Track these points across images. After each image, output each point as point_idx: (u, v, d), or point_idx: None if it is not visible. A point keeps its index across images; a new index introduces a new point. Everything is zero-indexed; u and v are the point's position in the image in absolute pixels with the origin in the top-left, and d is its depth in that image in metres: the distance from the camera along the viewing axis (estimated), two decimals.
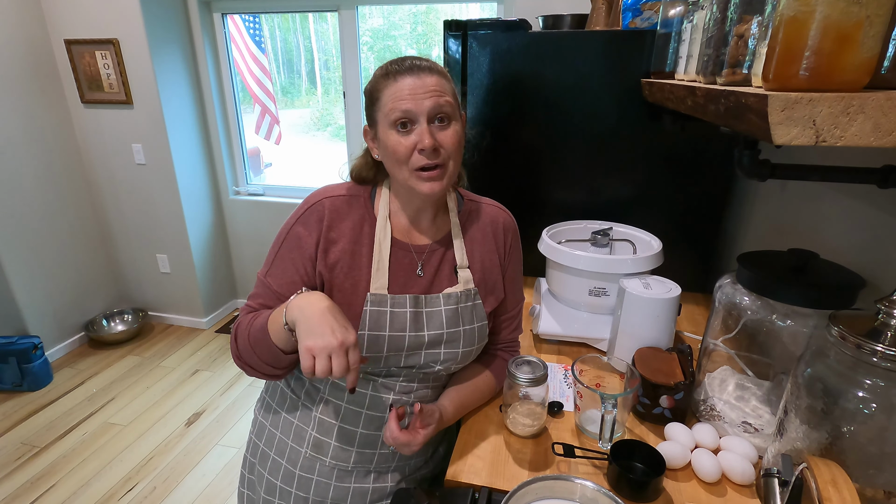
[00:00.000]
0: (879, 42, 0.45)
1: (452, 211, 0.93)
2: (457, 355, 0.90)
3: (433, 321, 0.87)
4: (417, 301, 0.87)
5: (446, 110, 0.79)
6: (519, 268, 1.02)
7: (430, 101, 0.77)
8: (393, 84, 0.78)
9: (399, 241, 0.89)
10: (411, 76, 0.77)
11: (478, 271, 0.93)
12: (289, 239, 0.86)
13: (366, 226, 0.87)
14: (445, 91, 0.79)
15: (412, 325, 0.86)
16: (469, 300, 0.91)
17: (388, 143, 0.79)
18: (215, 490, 2.00)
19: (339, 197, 0.87)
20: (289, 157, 3.55)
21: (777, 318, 0.82)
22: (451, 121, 0.80)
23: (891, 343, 0.57)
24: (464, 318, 0.90)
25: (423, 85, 0.77)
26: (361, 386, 0.90)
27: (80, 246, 2.95)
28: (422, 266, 0.89)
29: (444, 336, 0.88)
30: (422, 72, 0.78)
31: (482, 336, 0.93)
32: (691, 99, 0.78)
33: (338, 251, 0.85)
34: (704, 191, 1.42)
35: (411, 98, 0.76)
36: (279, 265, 0.86)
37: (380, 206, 0.89)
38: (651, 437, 0.91)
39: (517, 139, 1.48)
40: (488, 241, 0.94)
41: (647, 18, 1.31)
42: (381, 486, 0.92)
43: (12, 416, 2.39)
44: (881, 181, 0.69)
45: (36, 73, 2.61)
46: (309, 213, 0.86)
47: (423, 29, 3.00)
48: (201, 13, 2.75)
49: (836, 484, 0.50)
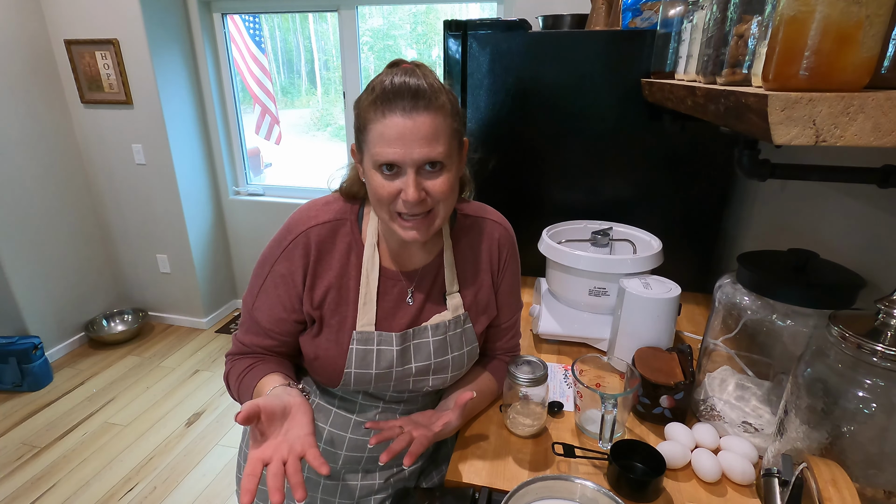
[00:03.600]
0: (879, 42, 0.45)
1: (444, 231, 0.88)
2: (445, 380, 0.90)
3: (420, 353, 0.86)
4: (405, 337, 0.85)
5: (438, 159, 0.71)
6: (514, 280, 0.96)
7: (420, 151, 0.69)
8: (381, 121, 0.69)
9: (387, 269, 0.85)
10: (403, 116, 0.68)
11: (469, 294, 0.90)
12: (273, 274, 0.82)
13: (352, 256, 0.83)
14: (440, 134, 0.70)
15: (399, 360, 0.85)
16: (458, 326, 0.89)
17: (371, 183, 0.74)
18: (215, 490, 2.00)
19: (325, 225, 0.81)
20: (289, 157, 3.55)
21: (777, 318, 0.82)
22: (443, 168, 0.72)
23: (891, 343, 0.57)
24: (452, 345, 0.88)
25: (415, 130, 0.68)
26: (351, 395, 0.90)
27: (80, 246, 2.95)
28: (412, 294, 0.86)
29: (431, 366, 0.87)
30: (415, 112, 0.68)
31: (472, 357, 0.92)
32: (691, 99, 0.78)
33: (324, 286, 0.82)
34: (704, 191, 1.42)
35: (399, 143, 0.68)
36: (265, 301, 0.83)
37: (367, 232, 0.83)
38: (651, 437, 0.91)
39: (517, 139, 1.48)
40: (482, 259, 0.90)
41: (647, 18, 1.31)
42: (369, 483, 0.92)
43: (12, 416, 2.39)
44: (881, 181, 0.69)
45: (36, 74, 2.61)
46: (293, 247, 0.81)
47: (423, 29, 3.00)
48: (201, 13, 2.75)
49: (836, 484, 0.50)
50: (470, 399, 0.85)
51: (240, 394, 0.85)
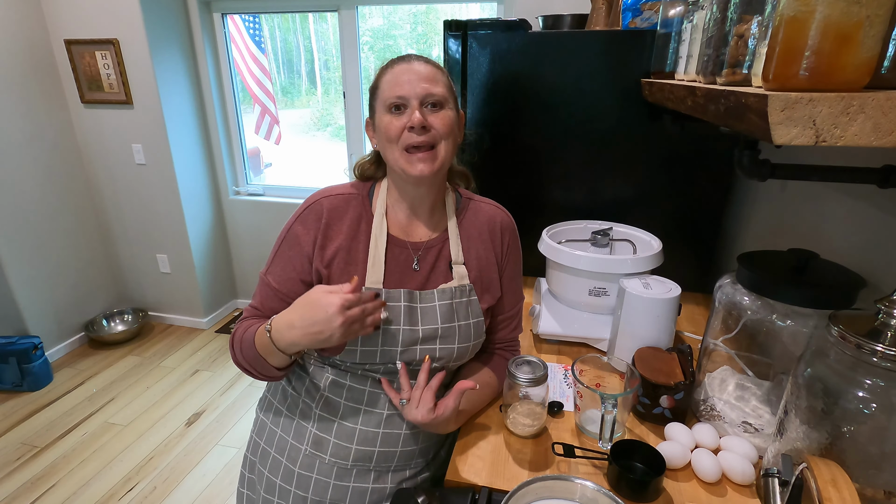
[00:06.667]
0: (879, 42, 0.45)
1: (450, 208, 0.95)
2: (452, 351, 0.90)
3: (428, 316, 0.88)
4: (412, 296, 0.88)
5: (438, 97, 0.82)
6: (517, 268, 1.02)
7: (422, 87, 0.81)
8: (390, 72, 0.84)
9: (395, 237, 0.90)
10: (407, 63, 0.84)
11: (474, 268, 0.93)
12: (288, 237, 0.89)
13: (363, 223, 0.89)
14: (439, 81, 0.83)
15: (407, 319, 0.87)
16: (464, 296, 0.91)
17: (381, 125, 0.84)
18: (215, 490, 1.99)
19: (338, 196, 0.90)
20: (289, 157, 3.55)
21: (777, 318, 0.82)
22: (443, 107, 0.83)
23: (891, 343, 0.57)
24: (459, 313, 0.90)
25: (418, 72, 0.82)
26: (359, 382, 0.90)
27: (80, 246, 2.95)
28: (418, 261, 0.91)
29: (438, 331, 0.88)
30: (417, 61, 0.84)
31: (478, 332, 0.93)
32: (691, 99, 0.78)
33: (334, 247, 0.87)
34: (704, 191, 1.42)
35: (405, 82, 0.81)
36: (278, 263, 0.89)
37: (377, 203, 0.91)
38: (651, 437, 0.91)
39: (517, 139, 1.48)
40: (485, 239, 0.95)
41: (647, 18, 1.31)
42: (380, 486, 0.92)
43: (12, 416, 2.39)
44: (881, 181, 0.69)
45: (36, 74, 2.61)
46: (308, 213, 0.89)
47: (423, 29, 3.00)
48: (201, 13, 2.75)
49: (836, 484, 0.50)
50: (471, 388, 0.85)
51: (242, 347, 0.86)
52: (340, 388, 0.91)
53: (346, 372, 0.90)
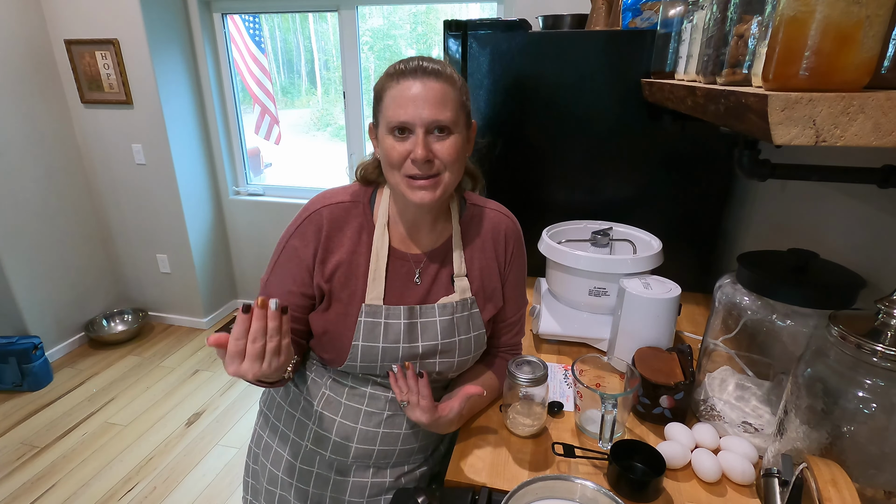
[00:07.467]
0: (879, 42, 0.45)
1: (454, 216, 0.91)
2: (452, 364, 0.90)
3: (428, 332, 0.87)
4: (412, 312, 0.86)
5: (445, 122, 0.76)
6: (521, 274, 0.99)
7: (429, 112, 0.74)
8: (396, 86, 0.76)
9: (397, 249, 0.88)
10: (415, 80, 0.75)
11: (476, 279, 0.91)
12: (286, 250, 0.86)
13: (364, 234, 0.86)
14: (449, 101, 0.76)
15: (406, 336, 0.86)
16: (465, 310, 0.90)
17: (384, 146, 0.79)
18: (215, 490, 2.00)
19: (338, 205, 0.86)
20: (289, 157, 3.55)
21: (777, 318, 0.82)
22: (450, 133, 0.77)
23: (891, 343, 0.57)
24: (459, 328, 0.89)
25: (426, 93, 0.74)
26: (360, 383, 0.90)
27: (80, 246, 2.95)
28: (419, 274, 0.88)
29: (439, 347, 0.88)
30: (427, 77, 0.75)
31: (479, 344, 0.93)
32: (691, 99, 0.78)
33: (335, 261, 0.85)
34: (704, 191, 1.42)
35: (411, 105, 0.74)
36: (278, 275, 0.87)
37: (379, 213, 0.87)
38: (651, 437, 0.91)
39: (517, 139, 1.48)
40: (489, 248, 0.93)
41: (647, 18, 1.31)
42: (379, 480, 0.92)
43: (12, 416, 2.39)
44: (881, 181, 0.69)
45: (36, 74, 2.61)
46: (307, 224, 0.85)
47: (423, 29, 3.00)
48: (201, 13, 2.75)
49: (836, 484, 0.50)
50: (478, 394, 0.85)
51: None
52: (342, 388, 0.91)
53: (348, 373, 0.90)
